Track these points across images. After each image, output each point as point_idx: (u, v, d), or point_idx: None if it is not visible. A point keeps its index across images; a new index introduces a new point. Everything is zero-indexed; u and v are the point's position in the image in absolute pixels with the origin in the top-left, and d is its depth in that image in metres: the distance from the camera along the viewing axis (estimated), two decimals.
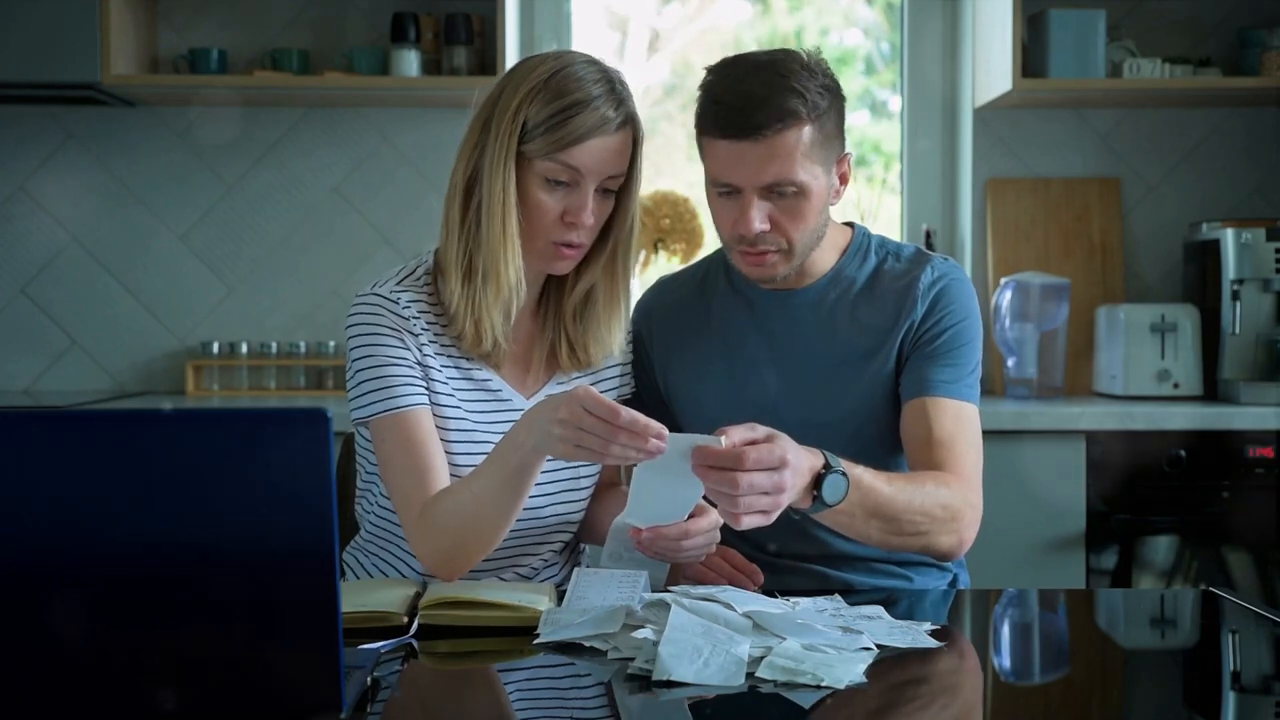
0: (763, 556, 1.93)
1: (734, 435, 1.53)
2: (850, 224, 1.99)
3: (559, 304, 1.87)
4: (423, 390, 1.78)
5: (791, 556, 1.92)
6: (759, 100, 1.75)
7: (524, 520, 1.81)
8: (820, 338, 1.90)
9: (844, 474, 1.64)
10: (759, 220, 1.79)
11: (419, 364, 1.78)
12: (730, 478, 1.51)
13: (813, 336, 1.91)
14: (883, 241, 1.96)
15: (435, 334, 1.81)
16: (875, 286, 1.91)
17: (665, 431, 1.53)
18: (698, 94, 1.82)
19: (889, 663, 1.41)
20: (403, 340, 1.78)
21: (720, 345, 1.94)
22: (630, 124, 1.79)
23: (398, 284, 1.81)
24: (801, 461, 1.57)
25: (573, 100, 1.74)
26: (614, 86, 1.78)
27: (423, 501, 1.72)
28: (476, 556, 1.71)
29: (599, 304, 1.86)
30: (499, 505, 1.67)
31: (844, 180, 1.86)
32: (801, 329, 1.91)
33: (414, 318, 1.79)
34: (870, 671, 1.36)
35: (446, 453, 1.78)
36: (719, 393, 1.93)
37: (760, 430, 1.55)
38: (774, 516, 1.56)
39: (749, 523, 1.54)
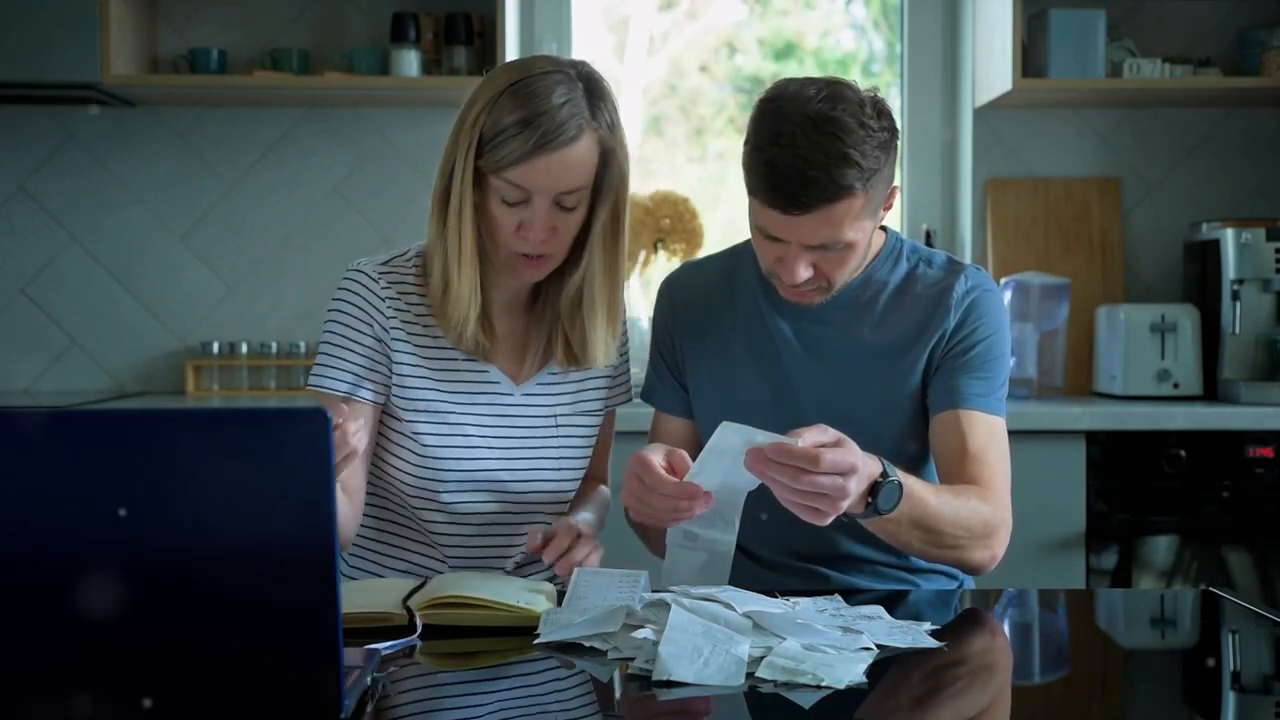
0: (771, 558, 1.93)
1: (807, 437, 1.53)
2: (884, 228, 1.98)
3: (555, 300, 1.87)
4: (363, 380, 1.82)
5: (799, 558, 1.92)
6: (812, 175, 1.69)
7: (505, 499, 1.85)
8: (849, 336, 1.90)
9: (899, 483, 1.64)
10: (803, 272, 1.78)
11: (379, 351, 1.82)
12: (804, 477, 1.51)
13: (841, 334, 1.91)
14: (914, 247, 1.96)
15: (419, 314, 1.84)
16: (907, 291, 1.91)
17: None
18: (747, 133, 1.77)
19: (889, 663, 1.41)
20: (370, 325, 1.82)
21: (745, 336, 1.94)
22: (593, 134, 1.74)
23: (384, 264, 1.86)
24: (865, 468, 1.58)
25: (518, 118, 1.71)
26: (576, 97, 1.73)
27: None
28: None
29: (587, 307, 1.85)
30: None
31: (888, 209, 1.84)
32: (830, 326, 1.91)
33: (392, 299, 1.83)
34: (870, 671, 1.36)
35: (413, 430, 1.83)
36: (741, 382, 1.92)
37: (830, 433, 1.56)
38: (829, 520, 1.56)
39: (808, 519, 1.56)
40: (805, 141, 1.70)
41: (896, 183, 1.85)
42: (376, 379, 1.83)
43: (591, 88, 1.76)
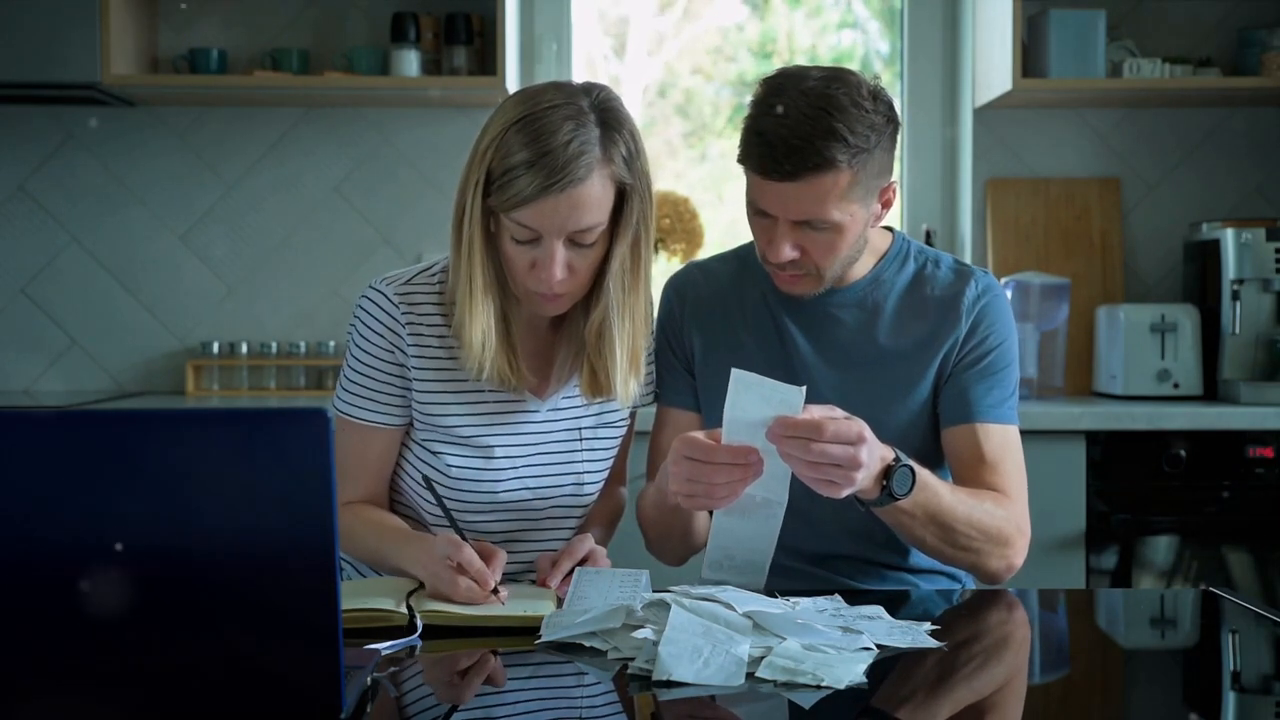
0: (783, 562, 1.93)
1: (815, 411, 1.57)
2: (890, 229, 1.98)
3: (580, 326, 1.81)
4: (383, 406, 1.81)
5: (801, 558, 1.92)
6: (797, 144, 1.72)
7: (526, 517, 1.84)
8: (858, 338, 1.91)
9: (912, 469, 1.67)
10: (788, 250, 1.80)
11: (400, 376, 1.80)
12: (813, 447, 1.54)
13: (850, 336, 1.91)
14: (921, 248, 1.97)
15: (440, 335, 1.80)
16: (915, 293, 1.92)
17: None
18: (748, 105, 1.80)
19: (889, 663, 1.41)
20: (391, 352, 1.80)
21: (757, 336, 1.94)
22: (605, 171, 1.68)
23: (405, 283, 1.81)
24: (876, 445, 1.61)
25: (524, 158, 1.65)
26: (585, 133, 1.66)
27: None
28: None
29: (607, 344, 1.79)
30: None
31: (887, 206, 1.85)
32: (839, 327, 1.92)
33: (412, 323, 1.79)
34: (870, 671, 1.36)
35: (435, 451, 1.81)
36: None
37: (839, 411, 1.60)
38: (845, 492, 1.59)
39: (824, 492, 1.59)
40: (795, 113, 1.74)
41: (896, 179, 1.85)
42: (399, 403, 1.81)
43: (606, 119, 1.69)
